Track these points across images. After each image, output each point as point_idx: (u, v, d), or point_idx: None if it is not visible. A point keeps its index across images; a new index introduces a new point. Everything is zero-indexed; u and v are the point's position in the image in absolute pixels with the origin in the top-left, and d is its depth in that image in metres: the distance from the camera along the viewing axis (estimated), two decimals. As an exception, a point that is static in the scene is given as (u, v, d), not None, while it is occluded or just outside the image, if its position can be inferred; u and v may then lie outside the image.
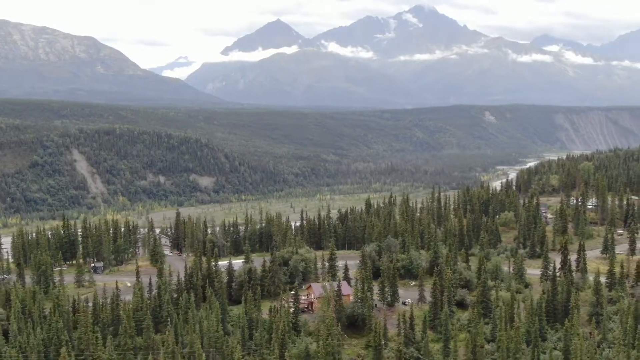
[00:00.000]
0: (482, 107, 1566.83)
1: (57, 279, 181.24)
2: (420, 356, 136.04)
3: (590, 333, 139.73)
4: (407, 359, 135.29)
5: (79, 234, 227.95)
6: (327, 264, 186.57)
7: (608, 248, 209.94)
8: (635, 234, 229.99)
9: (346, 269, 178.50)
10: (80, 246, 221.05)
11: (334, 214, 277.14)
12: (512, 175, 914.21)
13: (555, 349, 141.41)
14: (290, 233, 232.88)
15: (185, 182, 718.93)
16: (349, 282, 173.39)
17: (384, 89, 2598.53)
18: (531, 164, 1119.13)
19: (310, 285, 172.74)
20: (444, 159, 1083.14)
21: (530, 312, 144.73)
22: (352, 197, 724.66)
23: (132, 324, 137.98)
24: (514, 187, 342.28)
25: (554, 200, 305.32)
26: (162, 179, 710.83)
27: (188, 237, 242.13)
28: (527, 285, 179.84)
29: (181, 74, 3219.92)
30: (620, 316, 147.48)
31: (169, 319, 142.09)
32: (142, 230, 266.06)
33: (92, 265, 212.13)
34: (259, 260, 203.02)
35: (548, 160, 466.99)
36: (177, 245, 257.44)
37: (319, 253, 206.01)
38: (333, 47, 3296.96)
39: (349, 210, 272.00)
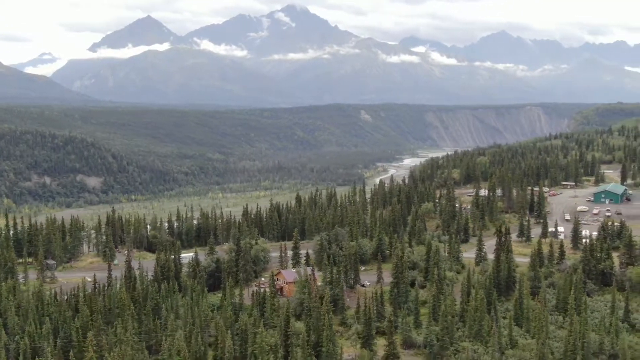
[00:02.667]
0: (358, 106, 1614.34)
1: (21, 275, 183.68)
2: (400, 326, 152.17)
3: (539, 301, 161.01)
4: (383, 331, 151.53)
5: (22, 232, 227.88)
6: (291, 252, 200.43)
7: (524, 232, 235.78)
8: (542, 220, 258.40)
9: (307, 256, 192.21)
10: (27, 244, 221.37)
11: (239, 210, 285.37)
12: (392, 171, 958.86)
13: (504, 317, 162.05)
14: (236, 226, 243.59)
15: (72, 183, 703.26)
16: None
17: (259, 88, 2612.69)
18: (407, 160, 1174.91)
19: (280, 272, 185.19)
20: (326, 157, 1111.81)
21: (481, 287, 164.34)
22: (244, 195, 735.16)
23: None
24: (417, 180, 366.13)
25: (457, 192, 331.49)
26: (47, 180, 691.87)
27: (131, 233, 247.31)
28: (463, 266, 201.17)
29: (46, 70, 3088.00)
30: (557, 288, 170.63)
31: (163, 306, 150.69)
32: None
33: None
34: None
35: (445, 155, 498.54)
36: (114, 241, 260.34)
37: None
38: (206, 44, 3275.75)
39: (282, 205, 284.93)
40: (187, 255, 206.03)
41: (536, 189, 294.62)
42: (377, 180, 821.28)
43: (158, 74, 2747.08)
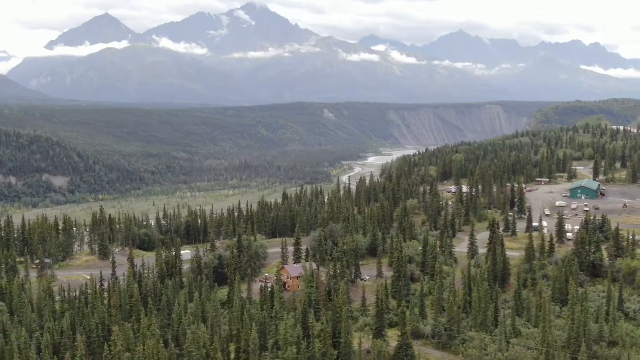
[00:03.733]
0: (321, 105, 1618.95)
1: (22, 273, 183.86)
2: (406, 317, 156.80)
3: (539, 292, 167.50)
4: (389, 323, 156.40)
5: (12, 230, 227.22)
6: (291, 247, 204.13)
7: (509, 227, 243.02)
8: (523, 215, 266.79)
9: (307, 252, 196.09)
10: (21, 243, 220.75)
11: (217, 208, 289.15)
12: (358, 169, 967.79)
13: (504, 308, 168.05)
14: (226, 223, 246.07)
15: (38, 183, 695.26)
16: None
17: (220, 86, 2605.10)
18: (371, 158, 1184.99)
19: (283, 267, 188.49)
20: (291, 155, 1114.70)
21: (483, 279, 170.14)
22: (213, 193, 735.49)
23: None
24: (394, 178, 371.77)
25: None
26: (13, 179, 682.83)
27: (122, 231, 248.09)
28: (455, 260, 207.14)
29: (1, 68, 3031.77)
30: (553, 280, 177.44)
31: (176, 301, 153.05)
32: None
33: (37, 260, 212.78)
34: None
35: (416, 152, 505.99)
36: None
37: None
38: (165, 42, 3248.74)
39: (271, 202, 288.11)
40: (184, 253, 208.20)
41: (513, 185, 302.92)
42: (344, 178, 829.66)
43: (117, 72, 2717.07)
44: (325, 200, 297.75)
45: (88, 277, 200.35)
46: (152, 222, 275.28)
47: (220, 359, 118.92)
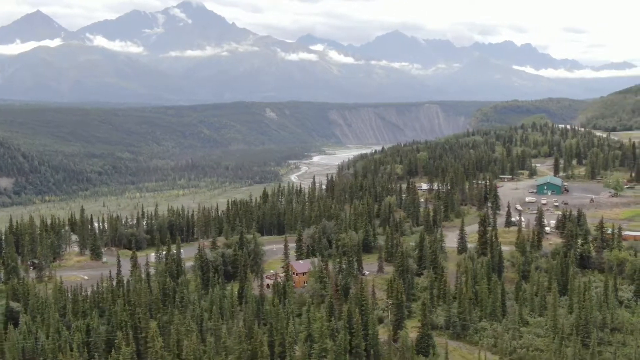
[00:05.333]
0: (263, 104, 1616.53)
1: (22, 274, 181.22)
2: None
3: (543, 283, 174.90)
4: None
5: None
6: (294, 245, 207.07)
7: (488, 222, 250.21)
8: (498, 211, 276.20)
9: (308, 248, 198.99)
10: (11, 244, 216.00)
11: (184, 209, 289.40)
12: (304, 168, 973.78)
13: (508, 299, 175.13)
14: (214, 222, 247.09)
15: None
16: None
17: (157, 85, 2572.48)
18: (316, 157, 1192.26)
19: (289, 263, 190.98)
20: (236, 155, 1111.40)
21: (485, 272, 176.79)
22: (162, 194, 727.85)
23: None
24: (361, 176, 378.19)
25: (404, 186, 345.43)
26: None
27: (109, 232, 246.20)
28: (446, 254, 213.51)
29: None
30: (549, 271, 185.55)
31: (192, 297, 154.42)
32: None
33: (30, 261, 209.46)
34: (189, 250, 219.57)
35: (373, 150, 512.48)
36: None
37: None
38: (100, 40, 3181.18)
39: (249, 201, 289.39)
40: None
41: (486, 182, 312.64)
42: (293, 177, 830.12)
43: (50, 70, 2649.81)
44: (306, 198, 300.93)
45: (86, 277, 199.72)
46: (134, 221, 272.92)
47: (266, 352, 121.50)
